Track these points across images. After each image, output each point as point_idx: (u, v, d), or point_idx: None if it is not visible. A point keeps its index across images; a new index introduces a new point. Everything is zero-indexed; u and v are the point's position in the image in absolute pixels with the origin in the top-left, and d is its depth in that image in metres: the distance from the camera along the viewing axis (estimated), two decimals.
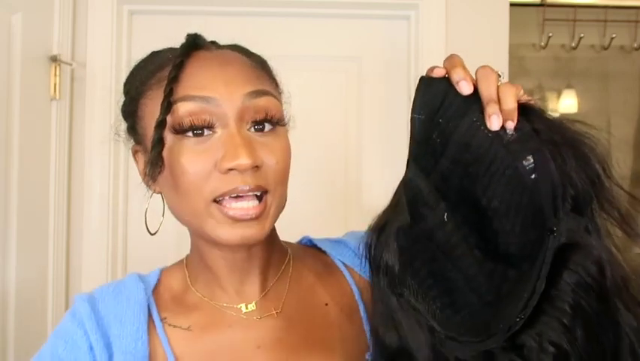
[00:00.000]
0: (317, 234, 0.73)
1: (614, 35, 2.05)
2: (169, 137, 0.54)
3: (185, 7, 1.55)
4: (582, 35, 2.05)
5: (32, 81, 1.34)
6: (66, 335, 0.57)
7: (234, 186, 0.52)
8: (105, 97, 1.49)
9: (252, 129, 0.55)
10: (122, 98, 0.63)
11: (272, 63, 0.65)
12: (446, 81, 0.50)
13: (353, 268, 0.67)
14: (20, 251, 1.28)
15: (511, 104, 0.47)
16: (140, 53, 0.63)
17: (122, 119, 0.63)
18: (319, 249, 0.70)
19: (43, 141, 1.39)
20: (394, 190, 0.54)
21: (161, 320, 0.59)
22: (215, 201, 0.53)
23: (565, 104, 2.26)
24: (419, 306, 0.48)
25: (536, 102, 0.49)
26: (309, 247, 0.71)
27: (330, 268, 0.68)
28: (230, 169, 0.52)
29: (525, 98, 0.49)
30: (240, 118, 0.54)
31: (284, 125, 0.58)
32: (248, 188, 0.52)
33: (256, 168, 0.53)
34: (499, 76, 0.49)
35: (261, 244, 0.60)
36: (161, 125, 0.53)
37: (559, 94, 2.26)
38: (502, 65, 1.60)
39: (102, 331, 0.57)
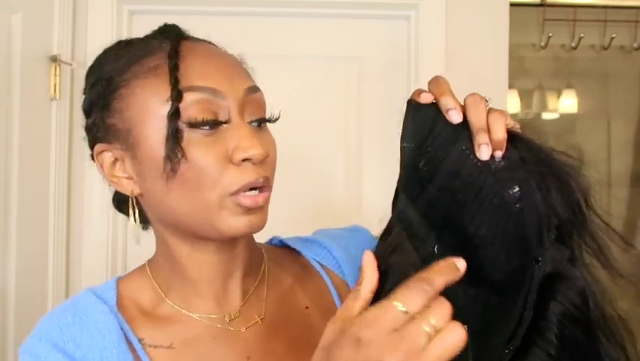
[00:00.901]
0: (315, 232, 0.73)
1: (614, 35, 2.05)
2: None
3: (185, 7, 1.55)
4: (582, 35, 2.05)
5: (32, 81, 1.34)
6: None
7: (252, 179, 0.51)
8: None
9: (250, 124, 0.55)
10: (83, 93, 0.59)
11: (272, 63, 0.65)
12: (434, 107, 0.50)
13: (329, 268, 0.66)
14: (20, 251, 1.28)
15: (500, 134, 0.46)
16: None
17: (84, 116, 0.59)
18: (292, 249, 0.68)
19: (43, 141, 1.39)
20: (388, 222, 0.53)
21: (140, 341, 0.54)
22: (232, 194, 0.51)
23: (565, 104, 2.26)
24: None
25: (523, 125, 0.50)
26: (281, 247, 0.69)
27: (306, 268, 0.66)
28: (245, 160, 0.51)
29: (511, 124, 0.48)
30: (241, 111, 0.53)
31: (272, 121, 0.58)
32: (262, 180, 0.52)
33: (265, 158, 0.53)
34: (487, 102, 0.49)
35: (245, 243, 0.59)
36: (175, 115, 0.50)
37: (559, 94, 2.26)
38: (502, 65, 1.60)
39: None
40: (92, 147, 0.58)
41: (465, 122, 0.48)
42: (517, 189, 0.46)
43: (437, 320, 0.36)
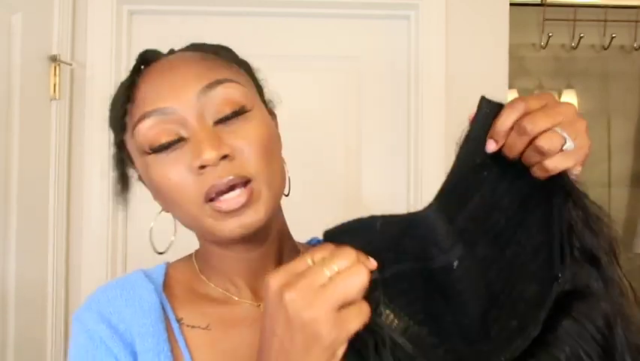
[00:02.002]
0: (316, 234, 0.73)
1: (614, 35, 2.05)
2: (141, 160, 0.55)
3: (185, 7, 1.55)
4: (582, 35, 2.04)
5: (32, 81, 1.34)
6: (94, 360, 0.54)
7: (210, 184, 0.51)
8: (105, 97, 1.48)
9: (217, 124, 0.54)
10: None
11: (272, 63, 0.65)
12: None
13: None
14: (20, 251, 1.28)
15: (556, 171, 0.45)
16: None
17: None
18: None
19: (43, 141, 1.39)
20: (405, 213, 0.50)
21: (178, 320, 0.57)
22: (206, 201, 0.52)
23: None
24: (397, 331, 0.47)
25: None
26: None
27: None
28: (202, 166, 0.51)
29: (577, 171, 0.46)
30: (199, 116, 0.53)
31: (249, 110, 0.55)
32: (226, 181, 0.51)
33: (226, 157, 0.51)
34: (565, 141, 0.45)
35: (273, 239, 0.59)
36: (120, 146, 0.56)
37: (559, 94, 2.26)
38: (502, 65, 1.60)
39: (129, 348, 0.54)
40: None
41: None
42: (548, 204, 0.45)
43: (339, 266, 0.41)
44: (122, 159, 0.57)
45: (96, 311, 0.56)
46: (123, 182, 0.60)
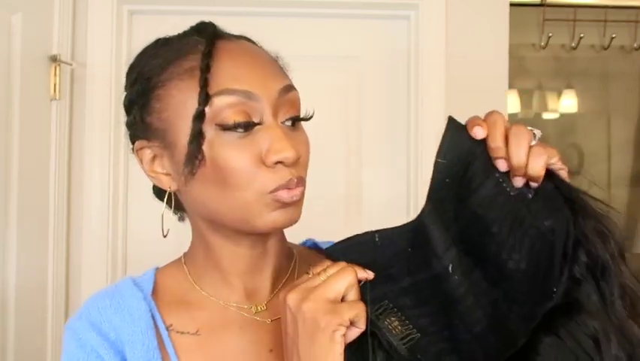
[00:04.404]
0: (316, 234, 0.73)
1: (614, 35, 2.05)
2: (209, 130, 0.52)
3: (185, 7, 1.55)
4: (582, 35, 2.05)
5: (32, 81, 1.34)
6: None
7: (286, 179, 0.53)
8: (105, 97, 1.49)
9: (284, 124, 0.55)
10: (125, 90, 0.60)
11: None
12: None
13: None
14: (20, 251, 1.28)
15: (538, 172, 0.46)
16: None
17: (125, 112, 0.60)
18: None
19: (43, 141, 1.39)
20: (405, 224, 0.51)
21: (167, 328, 0.57)
22: (270, 192, 0.53)
23: (565, 104, 2.26)
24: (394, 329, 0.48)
25: (568, 170, 0.48)
26: (313, 249, 0.70)
27: None
28: (278, 162, 0.52)
29: (558, 166, 0.47)
30: (275, 112, 0.54)
31: (307, 119, 0.59)
32: (296, 181, 0.53)
33: (298, 159, 0.54)
34: (534, 136, 0.47)
35: (277, 239, 0.61)
36: (200, 117, 0.52)
37: (559, 94, 2.26)
38: (502, 65, 1.60)
39: (120, 356, 0.55)
40: (132, 142, 0.60)
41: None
42: (550, 219, 0.45)
43: (330, 272, 0.49)
44: (202, 131, 0.52)
45: (87, 320, 0.57)
46: (201, 156, 0.53)
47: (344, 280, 0.48)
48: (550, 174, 0.46)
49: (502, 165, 0.47)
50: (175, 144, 0.55)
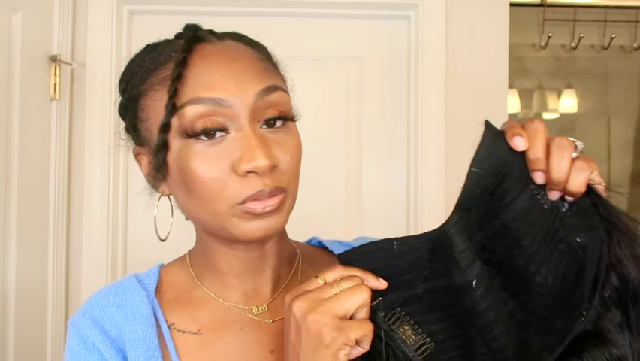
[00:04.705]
0: (316, 234, 0.73)
1: (614, 35, 2.05)
2: (178, 141, 0.52)
3: (185, 7, 1.56)
4: (582, 35, 2.05)
5: (32, 81, 1.34)
6: None
7: (257, 190, 0.50)
8: (105, 97, 1.49)
9: (264, 126, 0.53)
10: (118, 97, 0.60)
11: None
12: None
13: None
14: (20, 251, 1.28)
15: (578, 188, 0.43)
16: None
17: (120, 119, 0.61)
18: (329, 251, 0.68)
19: (43, 141, 1.40)
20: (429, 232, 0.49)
21: (169, 326, 0.57)
22: (241, 203, 0.51)
23: (565, 104, 2.26)
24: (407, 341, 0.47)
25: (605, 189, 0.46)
26: (318, 248, 0.70)
27: None
28: (249, 172, 0.50)
29: (597, 180, 0.44)
30: (252, 117, 0.51)
31: (293, 119, 0.56)
32: (269, 190, 0.51)
33: (273, 168, 0.51)
34: (576, 148, 0.44)
35: (275, 241, 0.59)
36: (165, 128, 0.51)
37: (559, 94, 2.26)
38: (502, 65, 1.60)
39: (121, 354, 0.55)
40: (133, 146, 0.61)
41: None
42: (584, 237, 0.43)
43: (345, 286, 0.46)
44: (167, 143, 0.52)
45: (89, 317, 0.57)
46: (164, 169, 0.54)
47: (357, 297, 0.46)
48: (587, 188, 0.44)
49: (539, 179, 0.44)
50: (152, 153, 0.55)
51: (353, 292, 0.46)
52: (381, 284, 0.47)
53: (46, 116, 1.41)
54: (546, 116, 2.30)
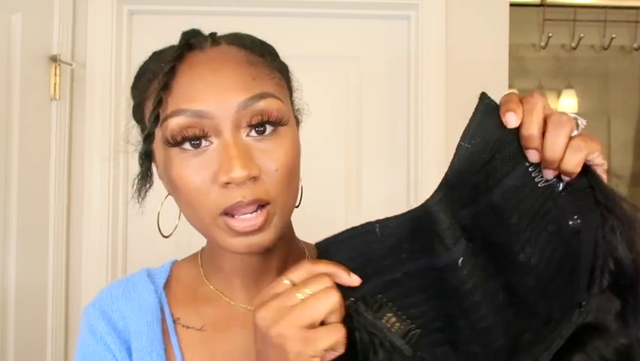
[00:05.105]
0: (315, 234, 0.73)
1: (614, 35, 2.05)
2: (164, 150, 0.53)
3: (185, 7, 1.55)
4: (582, 35, 2.05)
5: (32, 81, 1.34)
6: (93, 357, 0.57)
7: (234, 201, 0.49)
8: (105, 97, 1.49)
9: (253, 132, 0.52)
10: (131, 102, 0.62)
11: None
12: None
13: None
14: (20, 251, 1.28)
15: (573, 168, 0.42)
16: (140, 53, 0.62)
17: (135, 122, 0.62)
18: None
19: (43, 141, 1.39)
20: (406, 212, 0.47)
21: (174, 321, 0.58)
22: (222, 214, 0.51)
23: (565, 104, 2.26)
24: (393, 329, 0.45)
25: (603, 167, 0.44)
26: None
27: None
28: (227, 182, 0.49)
29: (598, 161, 0.43)
30: (235, 126, 0.51)
31: (285, 124, 0.53)
32: (247, 202, 0.49)
33: (254, 178, 0.50)
34: (577, 126, 0.42)
35: (279, 244, 0.58)
36: (148, 138, 0.52)
37: (559, 94, 2.26)
38: (502, 65, 1.60)
39: (126, 345, 0.57)
40: None
41: None
42: (578, 219, 0.41)
43: (313, 289, 0.42)
44: (150, 152, 0.54)
45: (99, 308, 0.59)
46: (147, 177, 0.57)
47: (324, 303, 0.42)
48: (586, 169, 0.42)
49: (533, 157, 0.42)
50: None
51: (320, 298, 0.42)
52: (353, 281, 0.44)
53: (46, 116, 1.41)
54: None
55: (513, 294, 0.44)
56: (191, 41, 0.56)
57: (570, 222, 0.42)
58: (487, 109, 0.43)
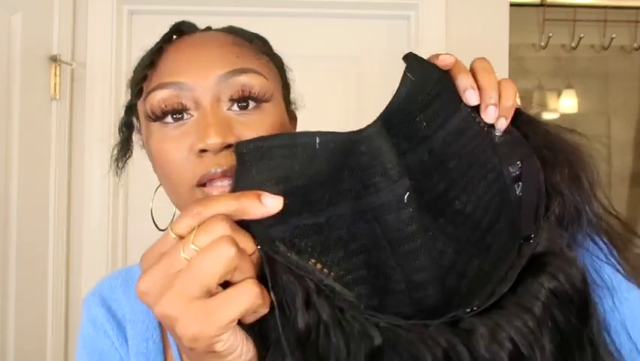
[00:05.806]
0: None
1: (614, 35, 2.05)
2: (147, 125, 0.53)
3: (185, 7, 1.56)
4: (582, 35, 2.05)
5: (32, 81, 1.34)
6: (94, 345, 0.58)
7: (205, 171, 0.48)
8: (105, 97, 1.49)
9: (235, 107, 0.51)
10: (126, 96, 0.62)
11: None
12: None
13: None
14: (20, 251, 1.28)
15: (510, 102, 0.45)
16: (140, 53, 0.63)
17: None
18: None
19: (43, 141, 1.39)
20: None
21: None
22: (199, 185, 0.50)
23: (565, 104, 2.26)
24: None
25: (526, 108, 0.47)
26: None
27: None
28: (203, 150, 0.48)
29: (518, 100, 0.47)
30: (215, 99, 0.50)
31: (268, 100, 0.52)
32: (222, 171, 0.48)
33: (230, 147, 0.48)
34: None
35: None
36: (130, 109, 0.54)
37: (559, 94, 2.26)
38: (502, 65, 1.60)
39: (123, 333, 0.58)
40: None
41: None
42: (518, 165, 0.42)
43: (199, 243, 0.34)
44: (130, 123, 0.56)
45: (99, 296, 0.60)
46: (126, 148, 0.59)
47: (215, 261, 0.33)
48: (518, 115, 0.45)
49: (472, 97, 0.44)
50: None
51: (208, 256, 0.33)
52: (269, 209, 0.36)
53: (46, 116, 1.41)
54: (546, 116, 2.30)
55: (449, 244, 0.43)
56: (181, 28, 0.58)
57: (511, 169, 0.42)
58: (423, 62, 0.44)
